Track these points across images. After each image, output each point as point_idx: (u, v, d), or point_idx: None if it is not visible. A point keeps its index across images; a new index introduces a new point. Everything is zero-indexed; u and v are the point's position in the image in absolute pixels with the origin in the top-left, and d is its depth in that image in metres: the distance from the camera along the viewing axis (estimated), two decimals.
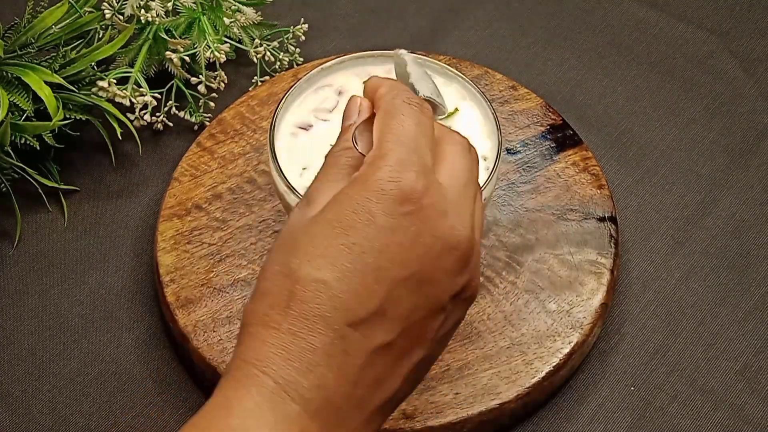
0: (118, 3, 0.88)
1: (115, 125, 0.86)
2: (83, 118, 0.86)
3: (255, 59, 0.92)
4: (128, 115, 0.88)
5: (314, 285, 0.55)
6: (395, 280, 0.56)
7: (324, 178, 0.59)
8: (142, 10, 0.88)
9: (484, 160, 0.74)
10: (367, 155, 0.58)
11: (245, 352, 0.55)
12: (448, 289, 0.58)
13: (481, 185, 0.71)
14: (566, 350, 0.76)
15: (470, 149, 0.61)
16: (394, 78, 0.65)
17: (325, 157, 0.61)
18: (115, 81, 0.86)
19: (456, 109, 0.75)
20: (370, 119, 0.61)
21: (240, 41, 0.92)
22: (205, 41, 0.89)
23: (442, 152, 0.60)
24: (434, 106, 0.65)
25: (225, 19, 0.91)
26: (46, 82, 0.82)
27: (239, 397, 0.54)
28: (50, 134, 0.84)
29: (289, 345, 0.54)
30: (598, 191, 0.83)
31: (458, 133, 0.61)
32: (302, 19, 0.94)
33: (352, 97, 0.63)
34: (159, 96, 0.90)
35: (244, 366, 0.55)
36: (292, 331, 0.54)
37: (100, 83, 0.85)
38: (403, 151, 0.57)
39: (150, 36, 0.89)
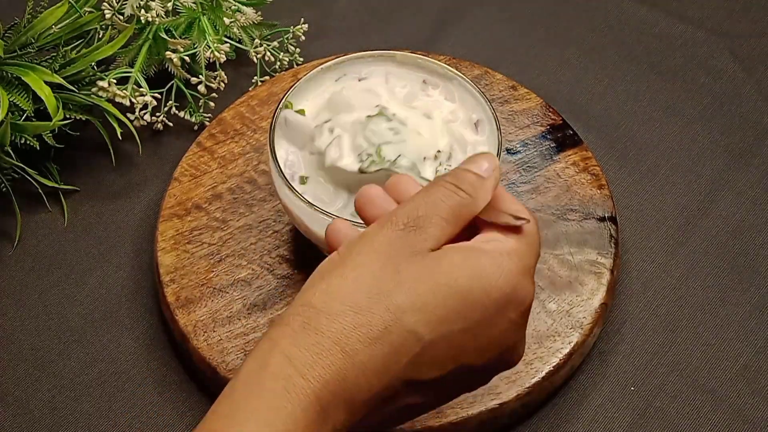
0: (118, 3, 0.88)
1: (115, 125, 0.86)
2: (83, 118, 0.86)
3: (255, 59, 0.92)
4: (128, 115, 0.88)
5: (410, 336, 0.54)
6: (463, 365, 0.57)
7: (436, 209, 0.58)
8: (142, 10, 0.88)
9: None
10: (502, 236, 0.58)
11: (304, 364, 0.53)
12: (480, 381, 0.60)
13: None
14: (566, 350, 0.76)
15: None
16: None
17: (440, 180, 0.59)
18: (115, 81, 0.86)
19: None
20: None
21: (240, 41, 0.92)
22: (205, 41, 0.89)
23: None
24: None
25: (225, 19, 0.91)
26: (46, 82, 0.82)
27: (291, 413, 0.53)
28: (50, 134, 0.84)
29: (351, 378, 0.54)
30: (598, 191, 0.83)
31: None
32: (302, 19, 0.94)
33: (491, 154, 0.62)
34: (159, 96, 0.90)
35: (297, 379, 0.53)
36: (364, 367, 0.54)
37: (100, 83, 0.85)
38: (533, 264, 0.59)
39: (150, 36, 0.89)
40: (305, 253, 0.80)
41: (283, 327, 0.55)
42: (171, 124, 0.91)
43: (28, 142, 0.83)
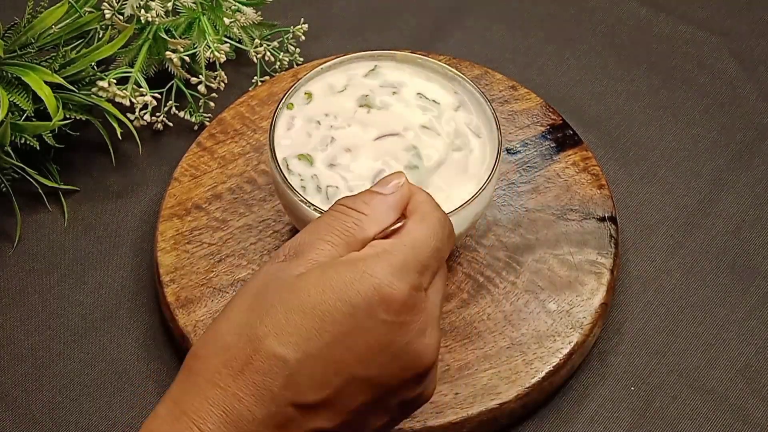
0: (118, 3, 0.88)
1: (115, 125, 0.86)
2: (83, 118, 0.86)
3: (255, 59, 0.92)
4: (128, 115, 0.88)
5: (274, 360, 0.55)
6: (353, 377, 0.56)
7: (321, 233, 0.58)
8: (142, 10, 0.88)
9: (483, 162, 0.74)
10: (376, 241, 0.58)
11: (186, 403, 0.55)
12: (401, 396, 0.58)
13: (480, 186, 0.72)
14: (566, 350, 0.76)
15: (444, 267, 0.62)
16: None
17: (335, 203, 0.60)
18: (115, 81, 0.86)
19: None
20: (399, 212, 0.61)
21: (240, 41, 0.92)
22: (205, 41, 0.89)
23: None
24: None
25: (225, 19, 0.91)
26: (46, 82, 0.82)
27: None
28: (50, 134, 0.84)
29: (231, 409, 0.55)
30: (598, 191, 0.83)
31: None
32: (302, 19, 0.94)
33: (400, 173, 0.62)
34: (159, 96, 0.90)
35: (182, 418, 0.55)
36: (238, 397, 0.55)
37: (100, 83, 0.85)
38: (411, 261, 0.57)
39: (150, 36, 0.89)
40: None
41: (175, 379, 0.57)
42: (171, 124, 0.91)
43: (28, 142, 0.83)
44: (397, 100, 0.76)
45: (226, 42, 0.91)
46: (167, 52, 0.89)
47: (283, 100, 0.75)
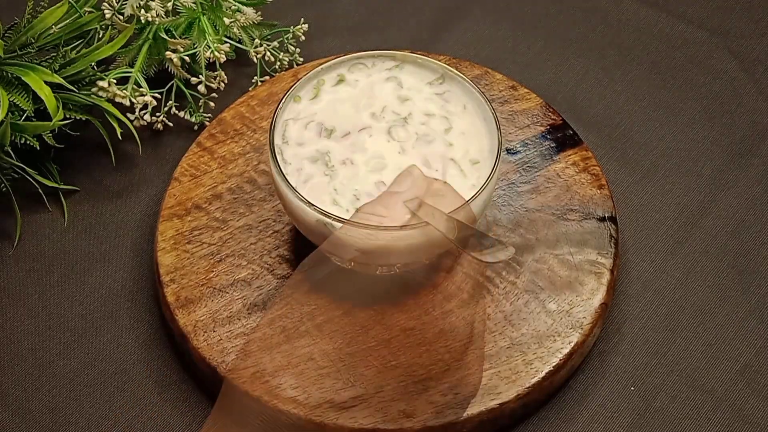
0: (118, 3, 0.88)
1: (115, 125, 0.86)
2: (83, 118, 0.86)
3: (255, 59, 0.92)
4: (128, 115, 0.88)
5: None
6: None
7: None
8: (142, 10, 0.88)
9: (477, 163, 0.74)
10: None
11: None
12: None
13: (480, 186, 0.72)
14: (566, 350, 0.76)
15: None
16: None
17: (357, 210, 0.60)
18: (115, 81, 0.86)
19: None
20: None
21: (240, 41, 0.92)
22: (205, 41, 0.89)
23: None
24: None
25: (225, 19, 0.91)
26: (46, 82, 0.82)
27: None
28: (50, 134, 0.84)
29: None
30: (598, 191, 0.83)
31: None
32: (302, 19, 0.94)
33: (413, 167, 0.61)
34: (159, 96, 0.90)
35: None
36: None
37: (100, 83, 0.85)
38: None
39: (150, 36, 0.89)
40: (305, 253, 0.80)
41: None
42: (171, 124, 0.91)
43: (28, 142, 0.83)
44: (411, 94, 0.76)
45: (226, 42, 0.91)
46: (167, 52, 0.89)
47: (284, 100, 0.75)
